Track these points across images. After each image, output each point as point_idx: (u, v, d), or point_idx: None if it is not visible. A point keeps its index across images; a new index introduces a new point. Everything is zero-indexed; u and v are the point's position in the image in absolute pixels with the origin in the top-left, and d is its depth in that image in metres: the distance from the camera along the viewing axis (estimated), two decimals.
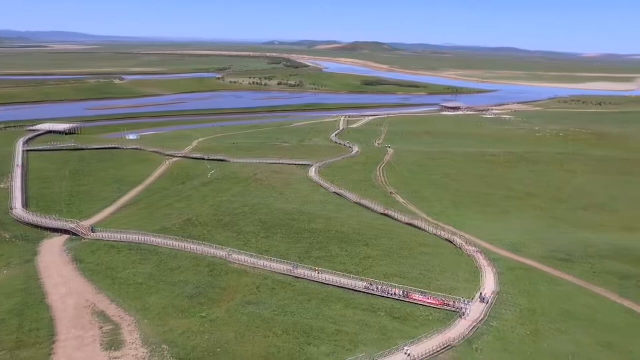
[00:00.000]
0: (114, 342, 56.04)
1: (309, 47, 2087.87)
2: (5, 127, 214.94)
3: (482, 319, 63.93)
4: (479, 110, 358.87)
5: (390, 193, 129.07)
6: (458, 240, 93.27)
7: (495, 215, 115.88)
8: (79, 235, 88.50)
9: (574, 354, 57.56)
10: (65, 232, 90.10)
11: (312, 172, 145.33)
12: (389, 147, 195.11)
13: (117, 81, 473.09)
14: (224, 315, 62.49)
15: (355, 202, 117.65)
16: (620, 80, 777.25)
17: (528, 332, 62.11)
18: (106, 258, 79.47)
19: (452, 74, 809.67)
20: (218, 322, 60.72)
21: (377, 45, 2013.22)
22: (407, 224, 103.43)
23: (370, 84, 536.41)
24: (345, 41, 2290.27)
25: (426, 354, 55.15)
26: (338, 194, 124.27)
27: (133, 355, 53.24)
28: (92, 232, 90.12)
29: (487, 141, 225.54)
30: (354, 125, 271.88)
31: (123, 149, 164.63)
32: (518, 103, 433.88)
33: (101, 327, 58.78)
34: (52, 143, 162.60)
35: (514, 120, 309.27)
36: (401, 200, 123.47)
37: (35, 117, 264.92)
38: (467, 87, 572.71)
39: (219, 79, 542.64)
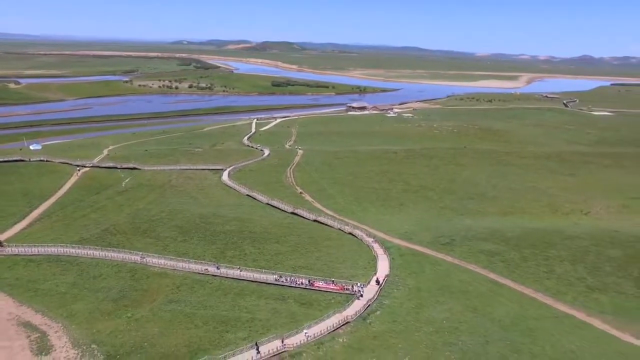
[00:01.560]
0: (43, 347, 60.48)
1: (219, 46, 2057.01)
2: None
3: (375, 298, 75.55)
4: (383, 109, 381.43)
5: (300, 193, 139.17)
6: (359, 233, 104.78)
7: (393, 208, 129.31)
8: None
9: (447, 319, 70.69)
10: None
11: (225, 176, 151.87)
12: (299, 149, 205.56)
13: (12, 85, 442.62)
14: (148, 314, 68.89)
15: (266, 203, 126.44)
16: (508, 79, 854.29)
17: (413, 306, 74.41)
18: (25, 272, 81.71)
19: (359, 73, 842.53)
20: (143, 320, 67.05)
21: (286, 45, 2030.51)
22: (314, 220, 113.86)
23: (280, 85, 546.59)
24: (256, 41, 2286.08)
25: (327, 329, 65.46)
26: (250, 196, 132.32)
27: (64, 357, 58.28)
28: (1, 246, 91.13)
29: (390, 139, 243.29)
30: (265, 127, 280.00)
31: (28, 161, 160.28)
32: (418, 101, 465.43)
33: (29, 336, 62.68)
34: None
35: (414, 118, 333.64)
36: (309, 198, 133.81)
37: None
38: (372, 86, 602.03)
39: (126, 82, 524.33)
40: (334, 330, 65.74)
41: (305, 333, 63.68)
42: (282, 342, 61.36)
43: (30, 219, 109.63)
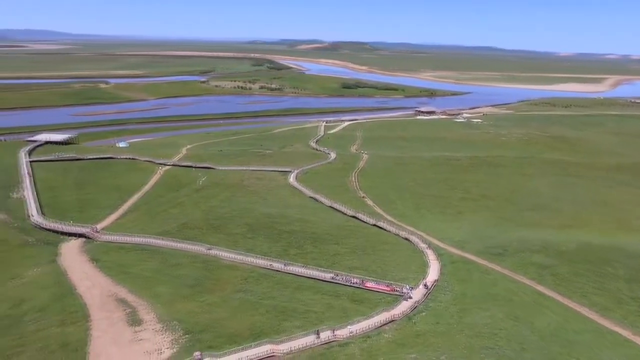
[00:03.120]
0: (135, 320, 72.89)
1: (291, 46, 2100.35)
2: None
3: (421, 301, 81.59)
4: (451, 114, 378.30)
5: (362, 197, 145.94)
6: (414, 239, 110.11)
7: (451, 216, 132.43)
8: (92, 239, 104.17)
9: (488, 324, 75.23)
10: (80, 235, 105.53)
11: (292, 178, 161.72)
12: (364, 153, 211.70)
13: (102, 85, 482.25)
14: (219, 300, 79.62)
15: (329, 206, 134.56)
16: (590, 81, 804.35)
17: (457, 310, 79.49)
18: (117, 257, 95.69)
19: (429, 75, 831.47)
20: (214, 305, 77.83)
21: (358, 45, 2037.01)
22: (373, 225, 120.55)
23: (350, 87, 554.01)
24: (327, 40, 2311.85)
25: (374, 325, 72.63)
26: (314, 198, 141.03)
27: (152, 329, 70.06)
28: (97, 232, 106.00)
29: (455, 145, 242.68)
30: (333, 131, 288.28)
31: (118, 158, 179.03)
32: (489, 106, 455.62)
33: (124, 310, 75.37)
34: (57, 154, 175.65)
35: (483, 124, 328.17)
36: (370, 203, 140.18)
37: (25, 124, 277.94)
38: (442, 89, 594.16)
39: (203, 82, 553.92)
40: (380, 327, 72.76)
41: (349, 328, 71.10)
42: (333, 332, 69.35)
43: (122, 211, 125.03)
